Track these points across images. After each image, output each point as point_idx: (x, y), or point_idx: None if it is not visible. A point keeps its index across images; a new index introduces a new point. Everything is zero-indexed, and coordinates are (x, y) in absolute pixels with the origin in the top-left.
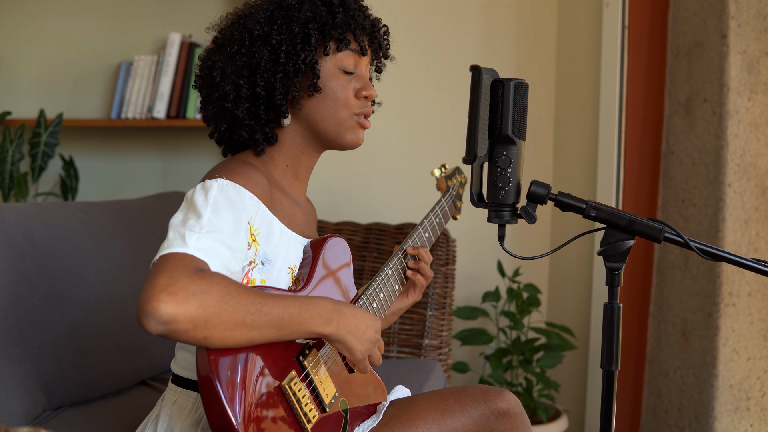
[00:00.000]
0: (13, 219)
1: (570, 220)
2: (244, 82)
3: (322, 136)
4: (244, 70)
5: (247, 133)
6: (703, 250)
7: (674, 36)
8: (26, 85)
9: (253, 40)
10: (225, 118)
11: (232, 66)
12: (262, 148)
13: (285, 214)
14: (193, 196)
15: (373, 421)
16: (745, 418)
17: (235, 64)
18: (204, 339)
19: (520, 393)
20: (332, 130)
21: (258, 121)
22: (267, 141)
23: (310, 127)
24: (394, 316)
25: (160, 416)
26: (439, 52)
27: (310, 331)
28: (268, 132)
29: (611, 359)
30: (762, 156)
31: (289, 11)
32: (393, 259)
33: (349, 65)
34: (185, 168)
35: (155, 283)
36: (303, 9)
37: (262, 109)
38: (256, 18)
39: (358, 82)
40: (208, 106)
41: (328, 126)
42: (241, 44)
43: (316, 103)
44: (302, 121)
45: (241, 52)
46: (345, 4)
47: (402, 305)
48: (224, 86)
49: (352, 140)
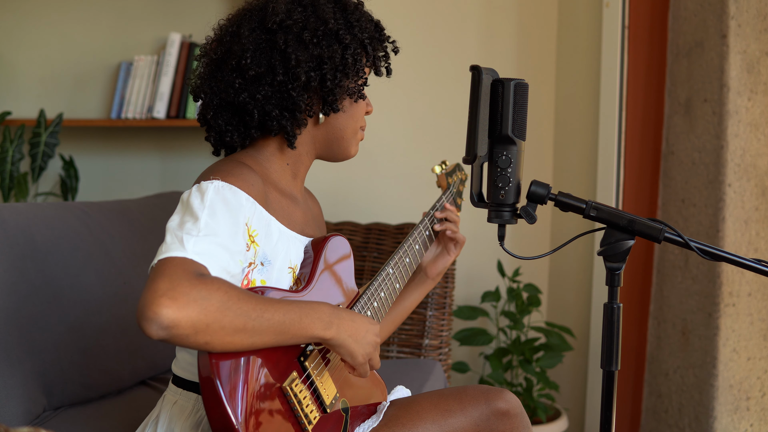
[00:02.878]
0: (13, 219)
1: (570, 220)
2: (315, 74)
3: (333, 146)
4: (315, 60)
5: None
6: (703, 250)
7: (674, 36)
8: (26, 85)
9: (326, 33)
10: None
11: (306, 54)
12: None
13: (283, 213)
14: (189, 199)
15: (373, 421)
16: (745, 418)
17: (309, 53)
18: (205, 344)
19: (520, 393)
20: (344, 142)
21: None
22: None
23: (326, 134)
24: (439, 277)
25: (160, 417)
26: (439, 52)
27: (310, 336)
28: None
29: (611, 359)
30: (762, 156)
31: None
32: (402, 247)
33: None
34: (185, 168)
35: (155, 287)
36: (361, 23)
37: (314, 100)
38: (325, 10)
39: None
40: (252, 87)
41: (344, 138)
42: (314, 34)
43: (345, 116)
44: (322, 128)
45: (314, 42)
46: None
47: (442, 266)
48: (299, 72)
49: (354, 152)
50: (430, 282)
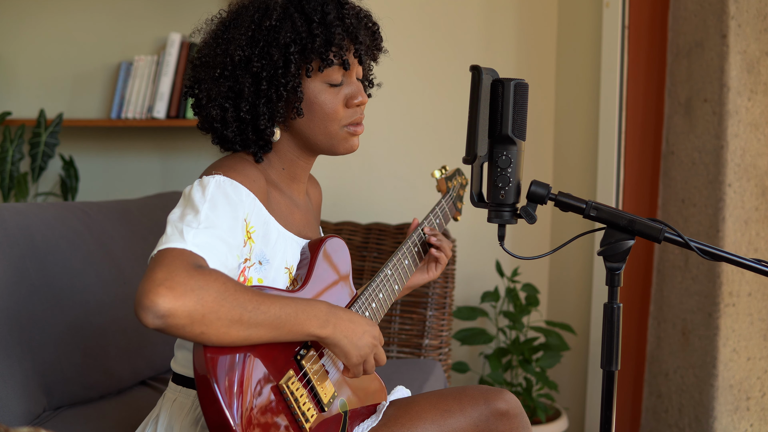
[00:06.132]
0: (13, 219)
1: (570, 220)
2: (229, 106)
3: (315, 148)
4: (228, 93)
5: (240, 147)
6: (703, 250)
7: (674, 36)
8: (26, 85)
9: (234, 66)
10: (216, 131)
11: (217, 90)
12: (259, 157)
13: (282, 214)
14: (190, 192)
15: (372, 421)
16: (745, 418)
17: (219, 89)
18: (200, 334)
19: (519, 393)
20: (324, 142)
21: (247, 139)
22: (262, 150)
23: (302, 139)
24: (407, 290)
25: (160, 415)
26: (439, 52)
27: (306, 333)
28: (262, 144)
29: (611, 359)
30: (762, 156)
31: (269, 33)
32: (401, 249)
33: (336, 78)
34: (185, 168)
35: (153, 277)
36: (283, 30)
37: (249, 130)
38: (237, 41)
39: (348, 88)
40: (200, 116)
41: (320, 140)
42: (224, 68)
43: (306, 121)
44: (294, 134)
45: (224, 75)
46: (326, 20)
47: (419, 281)
48: (211, 110)
49: (345, 149)
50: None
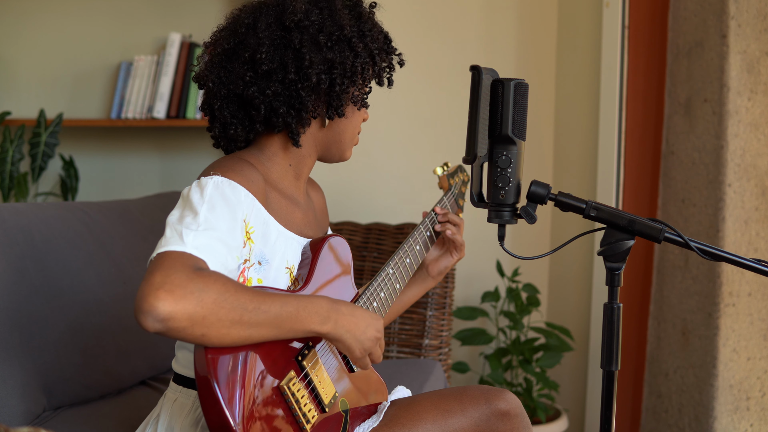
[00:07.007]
0: (13, 219)
1: (570, 220)
2: (326, 77)
3: (332, 148)
4: (327, 64)
5: (294, 122)
6: (703, 250)
7: (674, 36)
8: (26, 85)
9: (340, 39)
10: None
11: (319, 56)
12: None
13: (281, 213)
14: (189, 194)
15: (373, 422)
16: (745, 418)
17: (322, 56)
18: (201, 336)
19: (519, 393)
20: (343, 146)
21: (308, 114)
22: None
23: (328, 137)
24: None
25: (160, 415)
26: (439, 52)
27: (307, 330)
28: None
29: (611, 359)
30: (762, 156)
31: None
32: (402, 247)
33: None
34: (185, 168)
35: (153, 280)
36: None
37: (320, 103)
38: (341, 16)
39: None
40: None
41: (342, 142)
42: (329, 38)
43: (347, 121)
44: (325, 130)
45: (328, 45)
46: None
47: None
48: (310, 73)
49: (349, 156)
50: (431, 280)
